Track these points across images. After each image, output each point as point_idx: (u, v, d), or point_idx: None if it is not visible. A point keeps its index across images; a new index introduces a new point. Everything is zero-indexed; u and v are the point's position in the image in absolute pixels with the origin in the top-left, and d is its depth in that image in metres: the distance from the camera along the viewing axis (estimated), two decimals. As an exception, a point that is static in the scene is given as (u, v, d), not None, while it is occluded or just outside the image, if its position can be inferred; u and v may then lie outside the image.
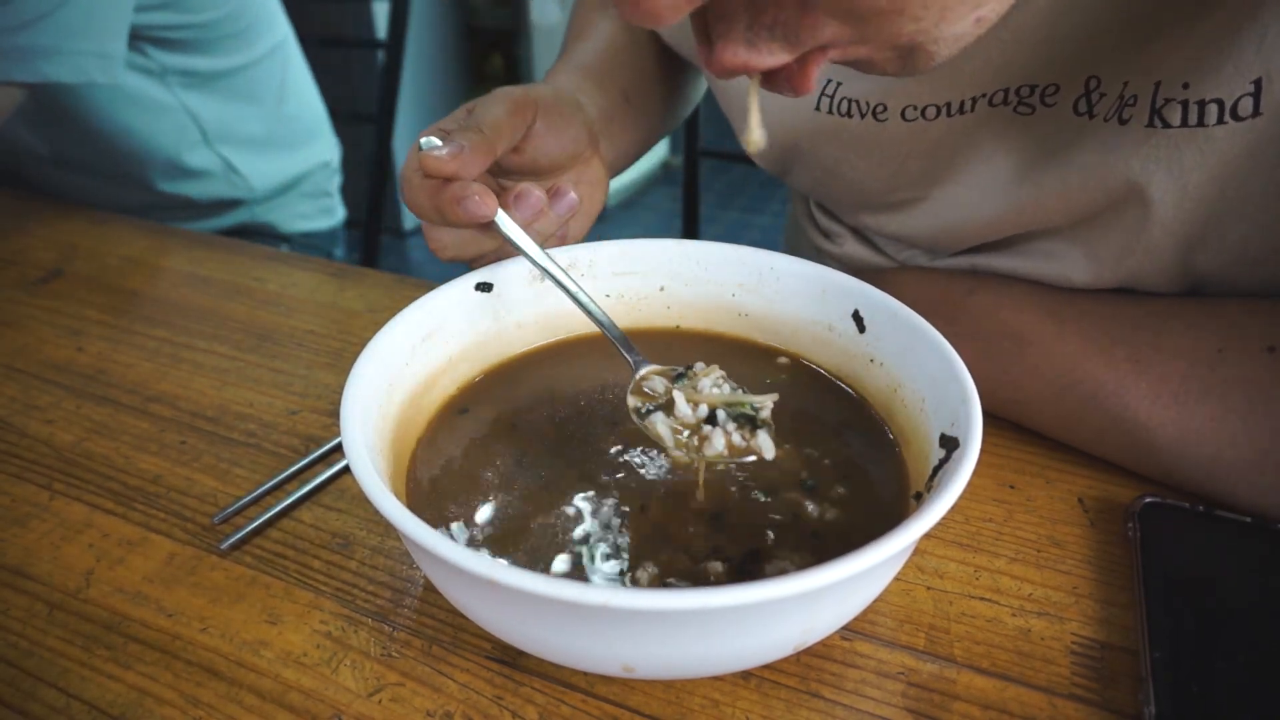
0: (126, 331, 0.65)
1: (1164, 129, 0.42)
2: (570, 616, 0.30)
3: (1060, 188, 0.47)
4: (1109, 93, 0.44)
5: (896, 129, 0.52)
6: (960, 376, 0.38)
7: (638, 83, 0.68)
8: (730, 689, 0.36)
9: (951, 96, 0.49)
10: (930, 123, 0.51)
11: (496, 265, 0.48)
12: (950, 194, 0.53)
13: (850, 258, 0.67)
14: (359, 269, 0.74)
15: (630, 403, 0.43)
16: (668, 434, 0.41)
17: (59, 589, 0.42)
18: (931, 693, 0.36)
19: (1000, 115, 0.49)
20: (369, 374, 0.40)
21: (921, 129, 0.51)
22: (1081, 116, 0.46)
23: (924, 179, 0.54)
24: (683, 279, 0.51)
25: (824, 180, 0.60)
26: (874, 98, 0.52)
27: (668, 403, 0.42)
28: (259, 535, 0.45)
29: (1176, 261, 0.46)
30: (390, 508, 0.31)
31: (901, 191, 0.56)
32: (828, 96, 0.54)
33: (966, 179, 0.52)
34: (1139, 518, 0.43)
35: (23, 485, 0.49)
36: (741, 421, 0.40)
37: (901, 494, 0.40)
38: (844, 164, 0.57)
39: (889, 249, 0.63)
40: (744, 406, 0.41)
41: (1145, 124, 0.43)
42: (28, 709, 0.37)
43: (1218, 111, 0.41)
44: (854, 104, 0.53)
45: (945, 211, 0.54)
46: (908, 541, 0.30)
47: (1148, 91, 0.43)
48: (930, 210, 0.55)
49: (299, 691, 0.37)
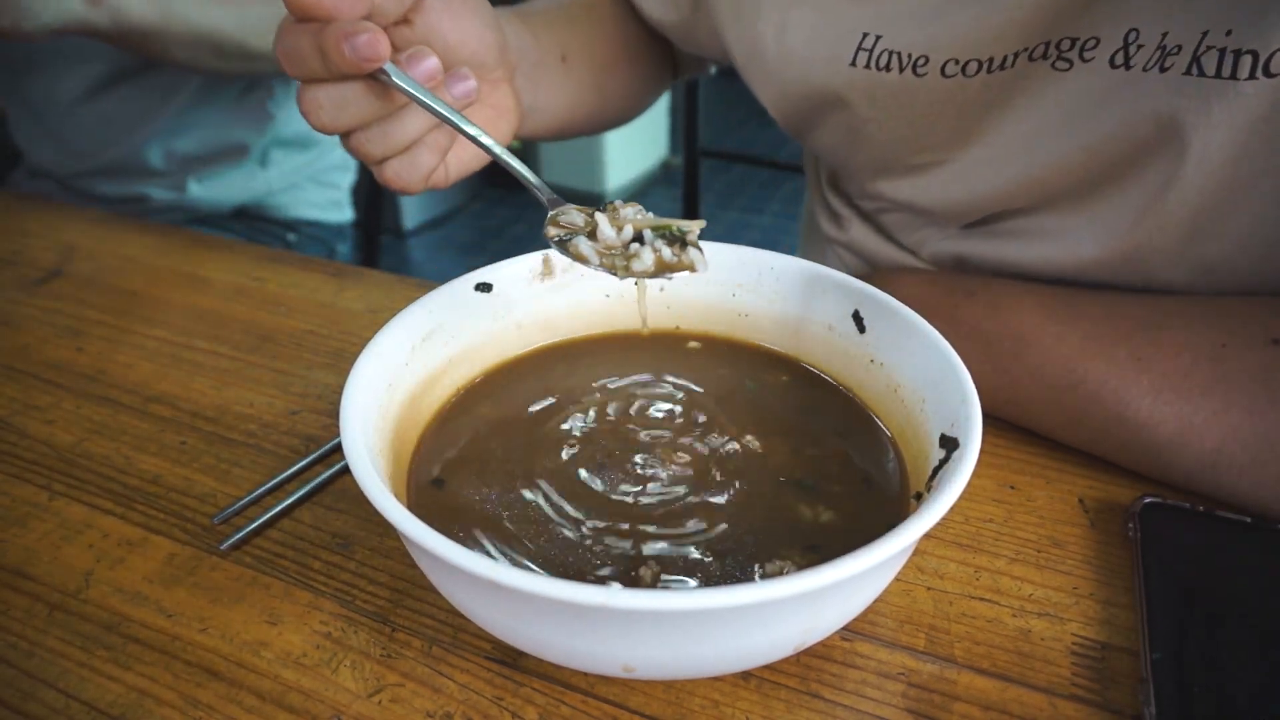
0: (126, 331, 0.65)
1: (1198, 76, 0.42)
2: (570, 616, 0.30)
3: (1085, 144, 0.47)
4: (1147, 44, 0.44)
5: (934, 85, 0.51)
6: (960, 377, 0.38)
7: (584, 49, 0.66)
8: (730, 689, 0.36)
9: (995, 51, 0.48)
10: (969, 79, 0.50)
11: (496, 265, 0.48)
12: (973, 156, 0.53)
13: (855, 244, 0.66)
14: (359, 269, 0.74)
15: (549, 232, 0.41)
16: (593, 254, 0.39)
17: (59, 589, 0.42)
18: (932, 693, 0.36)
19: (1037, 71, 0.49)
20: (369, 374, 0.40)
21: (959, 86, 0.51)
22: (1118, 69, 0.46)
23: (950, 140, 0.54)
24: (683, 279, 0.51)
25: (846, 141, 0.59)
26: (917, 49, 0.51)
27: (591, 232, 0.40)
28: (259, 536, 0.45)
29: (1184, 238, 0.46)
30: (390, 508, 0.31)
31: (925, 154, 0.55)
32: (865, 50, 0.53)
33: (993, 139, 0.52)
34: (1139, 518, 0.43)
35: (23, 485, 0.49)
36: (669, 239, 0.39)
37: (901, 494, 0.40)
38: (870, 124, 0.56)
39: (896, 229, 0.63)
40: (670, 228, 0.40)
41: (1183, 71, 0.43)
42: (28, 709, 0.37)
43: (1251, 64, 0.41)
44: (895, 56, 0.52)
45: (966, 175, 0.54)
46: (908, 541, 0.30)
47: (1192, 40, 0.42)
48: (950, 174, 0.55)
49: (299, 692, 0.37)
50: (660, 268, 0.39)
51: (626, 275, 0.39)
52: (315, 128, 0.42)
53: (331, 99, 0.41)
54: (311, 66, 0.39)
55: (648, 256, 0.39)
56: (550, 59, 0.63)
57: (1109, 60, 0.46)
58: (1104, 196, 0.49)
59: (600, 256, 0.40)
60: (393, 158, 0.44)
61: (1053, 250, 0.52)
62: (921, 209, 0.59)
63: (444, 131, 0.45)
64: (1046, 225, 0.52)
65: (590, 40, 0.68)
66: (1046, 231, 0.52)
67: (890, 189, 0.60)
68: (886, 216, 0.64)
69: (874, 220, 0.65)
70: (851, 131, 0.58)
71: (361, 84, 0.41)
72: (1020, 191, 0.52)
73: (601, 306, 0.51)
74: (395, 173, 0.45)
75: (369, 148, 0.43)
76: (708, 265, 0.39)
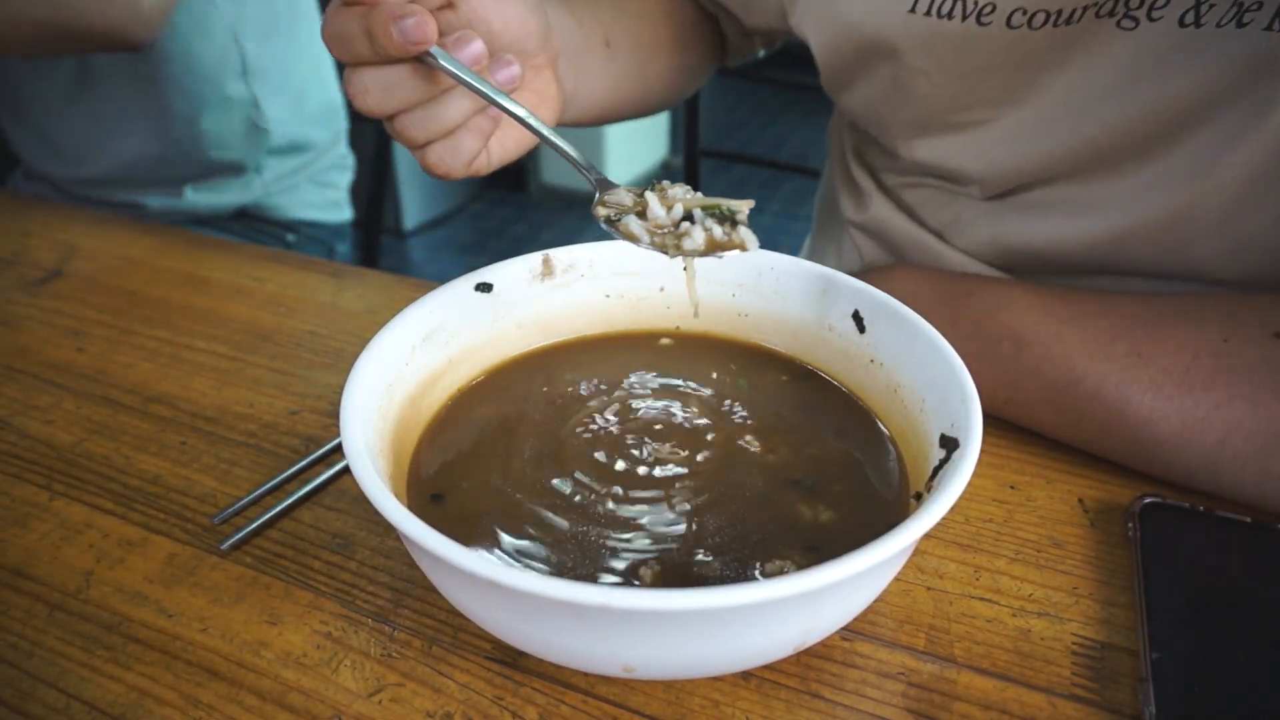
0: (126, 331, 0.65)
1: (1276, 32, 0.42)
2: (570, 616, 0.30)
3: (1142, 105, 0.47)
4: (1218, 2, 0.44)
5: (995, 36, 0.50)
6: (960, 377, 0.38)
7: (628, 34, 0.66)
8: (730, 689, 0.36)
9: (1065, 3, 0.48)
10: (1034, 31, 0.49)
11: (496, 265, 0.48)
12: (1019, 118, 0.52)
13: (876, 223, 0.65)
14: (359, 269, 0.74)
15: (599, 213, 0.41)
16: (643, 233, 0.39)
17: (59, 589, 0.42)
18: (932, 693, 0.36)
19: (1102, 29, 0.48)
20: (369, 374, 0.40)
21: (1020, 39, 0.50)
22: (1186, 28, 0.45)
23: (1000, 97, 0.53)
24: (683, 279, 0.51)
25: (889, 95, 0.58)
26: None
27: (641, 212, 0.41)
28: (259, 536, 0.45)
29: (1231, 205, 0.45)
30: (390, 508, 0.31)
31: (971, 111, 0.54)
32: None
33: (1042, 100, 0.51)
34: (1139, 518, 0.43)
35: (23, 485, 0.49)
36: (719, 219, 0.39)
37: (901, 494, 0.40)
38: (919, 77, 0.55)
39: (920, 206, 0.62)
40: (720, 208, 0.40)
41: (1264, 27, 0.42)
42: (28, 709, 0.37)
43: None
44: (959, 3, 0.51)
45: (1009, 136, 0.53)
46: (908, 541, 0.30)
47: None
48: (992, 135, 0.54)
49: (299, 692, 0.37)
50: (711, 246, 0.39)
51: (677, 254, 0.39)
52: (361, 110, 0.42)
53: (378, 82, 0.41)
54: (359, 50, 0.40)
55: (699, 235, 0.39)
56: (593, 44, 0.62)
57: (1179, 19, 0.45)
58: (1153, 160, 0.48)
59: (650, 235, 0.40)
60: (435, 142, 0.45)
61: (1087, 223, 0.50)
62: (956, 174, 0.57)
63: (486, 117, 0.45)
64: (1083, 195, 0.51)
65: (636, 25, 0.68)
66: (1081, 202, 0.51)
67: (926, 150, 0.58)
68: (912, 193, 0.62)
69: (897, 197, 0.64)
70: (897, 86, 0.57)
71: (408, 67, 0.41)
72: (1067, 155, 0.50)
73: (601, 306, 0.51)
74: (438, 157, 0.45)
75: (413, 131, 0.43)
76: (758, 244, 0.39)
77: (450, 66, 0.40)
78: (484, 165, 0.49)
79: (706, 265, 0.50)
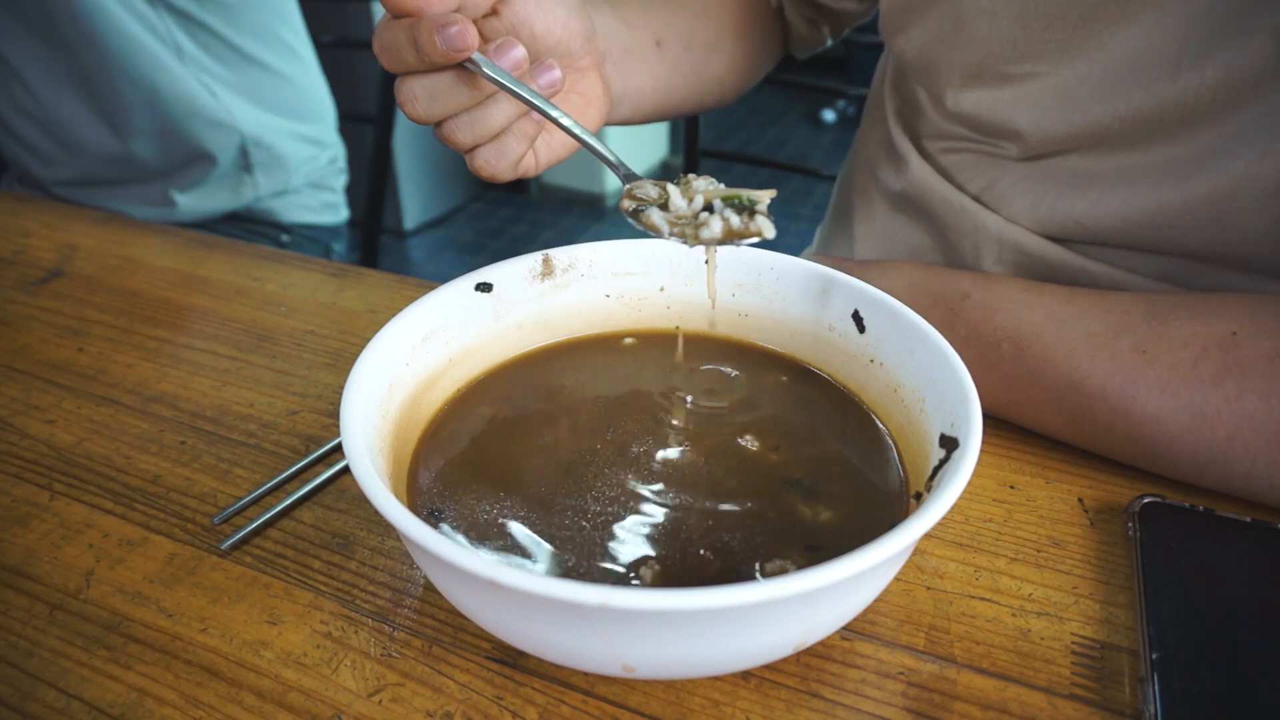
0: (126, 331, 0.65)
1: None
2: (570, 616, 0.30)
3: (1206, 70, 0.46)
4: None
5: None
6: (960, 377, 0.38)
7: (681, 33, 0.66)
8: (730, 689, 0.37)
9: None
10: None
11: (496, 265, 0.48)
12: (1076, 73, 0.51)
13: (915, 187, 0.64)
14: (359, 269, 0.74)
15: (624, 205, 0.43)
16: (664, 224, 0.41)
17: (59, 589, 0.42)
18: (931, 693, 0.36)
19: None
20: (369, 374, 0.40)
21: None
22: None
23: (1057, 52, 0.52)
24: (683, 279, 0.51)
25: (947, 36, 0.58)
26: None
27: (664, 204, 0.42)
28: (259, 536, 0.45)
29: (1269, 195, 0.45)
30: (390, 508, 0.31)
31: (1026, 62, 0.54)
32: None
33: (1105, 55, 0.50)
34: (1139, 518, 0.43)
35: (23, 485, 0.49)
36: (738, 209, 0.40)
37: (901, 494, 0.40)
38: (983, 15, 0.54)
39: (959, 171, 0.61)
40: (740, 198, 0.41)
41: None
42: (28, 709, 0.37)
43: None
44: None
45: (1063, 92, 0.52)
46: (908, 541, 0.30)
47: None
48: (1046, 89, 0.53)
49: (299, 692, 0.37)
50: (728, 235, 0.40)
51: (695, 243, 0.41)
52: (410, 118, 0.44)
53: (425, 89, 0.43)
54: (406, 59, 0.42)
55: (716, 225, 0.40)
56: (642, 46, 0.62)
57: None
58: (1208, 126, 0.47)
59: (671, 226, 0.41)
60: (482, 145, 0.46)
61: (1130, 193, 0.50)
62: (1002, 128, 0.56)
63: (531, 120, 0.47)
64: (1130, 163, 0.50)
65: (690, 24, 0.67)
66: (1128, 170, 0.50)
67: (974, 101, 0.57)
68: (951, 157, 0.62)
69: (936, 162, 0.63)
70: (958, 25, 0.56)
71: (452, 74, 0.43)
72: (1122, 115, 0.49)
73: (601, 306, 0.51)
74: (485, 160, 0.46)
75: (459, 136, 0.45)
76: (775, 231, 0.40)
77: (492, 73, 0.42)
78: (531, 167, 0.51)
79: (706, 265, 0.50)
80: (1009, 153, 0.58)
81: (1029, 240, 0.57)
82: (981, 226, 0.59)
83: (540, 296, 0.50)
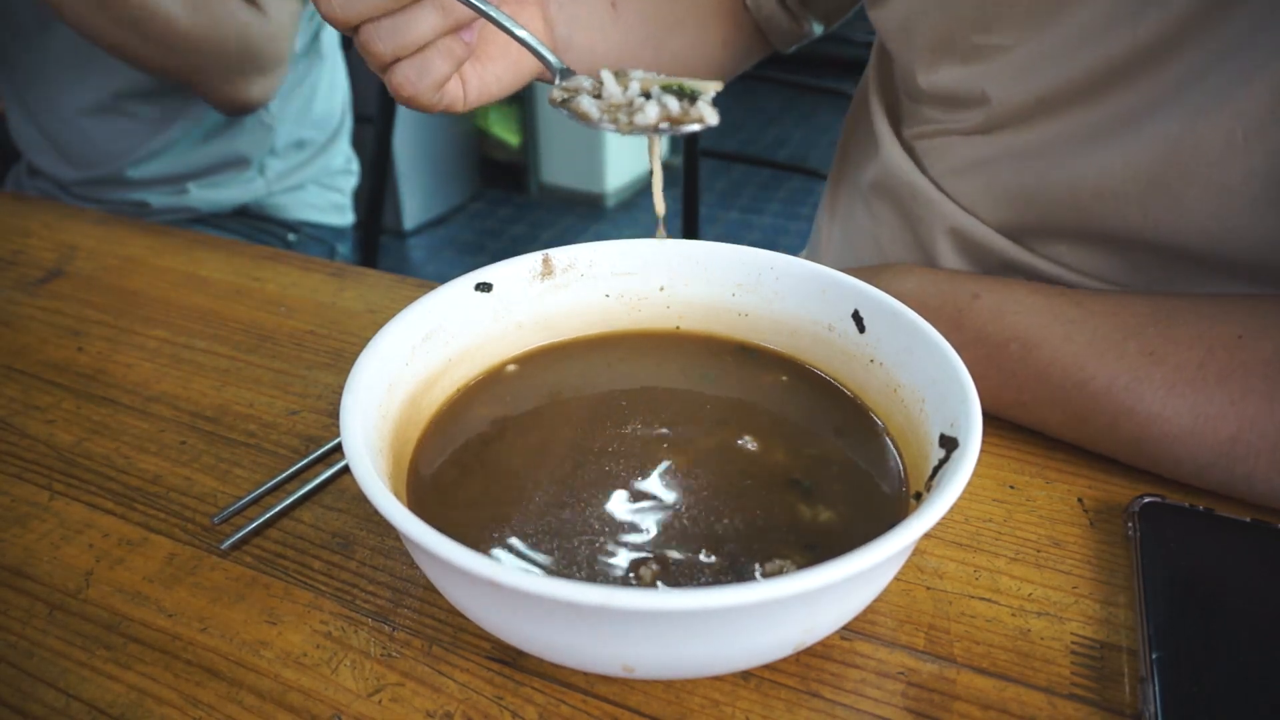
0: (126, 331, 0.65)
1: None
2: (570, 616, 0.30)
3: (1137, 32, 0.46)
4: None
5: None
6: (960, 377, 0.38)
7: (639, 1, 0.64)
8: (730, 689, 0.37)
9: None
10: None
11: (496, 265, 0.48)
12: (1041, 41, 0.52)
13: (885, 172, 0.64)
14: (359, 269, 0.74)
15: (553, 95, 0.40)
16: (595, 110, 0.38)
17: (59, 589, 0.42)
18: (931, 693, 0.36)
19: None
20: (369, 374, 0.40)
21: None
22: None
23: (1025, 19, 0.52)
24: (683, 279, 0.51)
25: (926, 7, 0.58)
26: None
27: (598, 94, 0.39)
28: (259, 535, 0.45)
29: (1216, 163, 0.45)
30: (390, 508, 0.31)
31: (994, 33, 0.54)
32: None
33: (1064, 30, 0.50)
34: (1139, 518, 0.43)
35: (23, 485, 0.49)
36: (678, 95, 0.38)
37: (901, 494, 0.40)
38: None
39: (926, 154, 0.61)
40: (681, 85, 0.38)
41: None
42: (28, 709, 0.37)
43: None
44: None
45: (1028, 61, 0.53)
46: (908, 541, 0.30)
47: None
48: (1011, 64, 0.54)
49: (299, 691, 0.37)
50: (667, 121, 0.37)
51: (630, 130, 0.38)
52: (326, 17, 0.41)
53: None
54: None
55: (652, 110, 0.37)
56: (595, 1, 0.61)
57: None
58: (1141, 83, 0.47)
59: (603, 113, 0.38)
60: (403, 59, 0.43)
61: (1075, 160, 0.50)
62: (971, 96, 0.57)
63: (458, 39, 0.44)
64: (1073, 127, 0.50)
65: None
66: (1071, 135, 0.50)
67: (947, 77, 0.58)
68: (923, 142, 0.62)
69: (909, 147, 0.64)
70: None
71: None
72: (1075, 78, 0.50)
73: (601, 306, 0.51)
74: (405, 77, 0.44)
75: (379, 45, 0.42)
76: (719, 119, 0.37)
77: None
78: (459, 98, 0.48)
79: (705, 264, 0.50)
80: (972, 123, 0.58)
81: (980, 231, 0.58)
82: (939, 214, 0.60)
83: (540, 296, 0.50)
